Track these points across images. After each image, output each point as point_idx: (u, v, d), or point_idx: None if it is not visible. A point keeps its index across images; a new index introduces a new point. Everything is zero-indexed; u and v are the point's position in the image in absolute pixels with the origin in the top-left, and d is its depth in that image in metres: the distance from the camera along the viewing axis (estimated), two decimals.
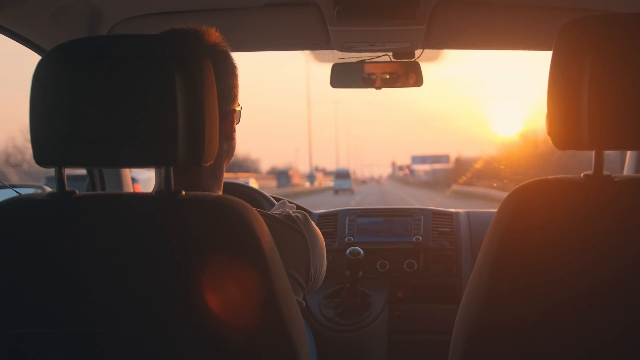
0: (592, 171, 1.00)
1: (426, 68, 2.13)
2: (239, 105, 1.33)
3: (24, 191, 2.27)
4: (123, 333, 0.98)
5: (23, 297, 0.99)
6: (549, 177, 1.02)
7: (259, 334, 0.98)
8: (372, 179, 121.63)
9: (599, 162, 1.00)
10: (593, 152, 1.00)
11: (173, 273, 0.96)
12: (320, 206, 2.78)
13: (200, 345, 0.97)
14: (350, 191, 44.39)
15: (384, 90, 2.20)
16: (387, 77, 2.16)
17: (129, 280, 0.97)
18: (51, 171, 1.02)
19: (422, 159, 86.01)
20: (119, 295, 0.97)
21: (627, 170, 2.05)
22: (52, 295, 0.98)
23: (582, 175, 1.01)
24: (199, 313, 0.96)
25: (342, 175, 47.71)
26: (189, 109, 0.95)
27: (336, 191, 44.50)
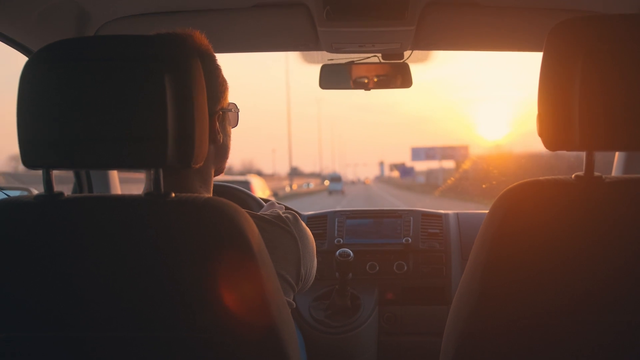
0: (583, 172, 1.00)
1: (413, 70, 2.14)
2: (237, 108, 1.33)
3: (12, 193, 2.25)
4: (114, 336, 0.98)
5: (11, 300, 0.98)
6: (540, 178, 1.02)
7: (249, 335, 0.97)
8: (359, 181, 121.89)
9: (590, 163, 1.00)
10: (584, 153, 1.00)
11: (162, 275, 0.96)
12: (314, 205, 2.76)
13: (190, 347, 0.97)
14: (342, 192, 49.80)
15: (369, 92, 2.20)
16: (376, 78, 2.16)
17: (119, 282, 0.96)
18: None
19: (428, 153, 62.24)
20: (109, 298, 0.97)
21: (616, 170, 2.06)
22: (41, 298, 0.97)
23: (573, 176, 1.01)
24: (188, 315, 0.96)
25: (335, 179, 55.31)
26: (178, 109, 0.95)
27: (330, 192, 49.98)
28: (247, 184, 14.40)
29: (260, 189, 14.82)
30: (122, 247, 0.96)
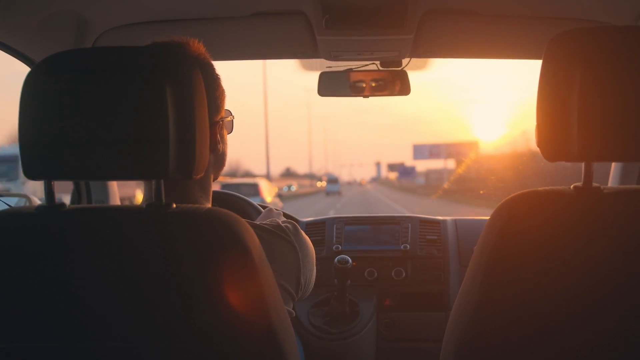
0: (581, 183, 1.01)
1: (411, 74, 2.15)
2: (231, 115, 1.33)
3: (10, 200, 2.25)
4: (115, 346, 0.98)
5: (14, 311, 0.98)
6: (539, 188, 1.03)
7: (250, 346, 0.98)
8: (355, 182, 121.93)
9: (589, 173, 1.01)
10: (583, 163, 1.01)
11: (164, 286, 0.96)
12: (315, 203, 2.75)
13: (192, 356, 0.97)
14: (339, 193, 50.94)
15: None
16: (374, 85, 2.16)
17: (120, 293, 0.97)
18: None
19: (432, 150, 52.73)
20: (110, 308, 0.97)
21: (612, 181, 2.07)
22: (44, 309, 0.97)
23: (572, 186, 1.02)
24: (190, 324, 0.96)
25: (332, 180, 56.87)
26: (179, 120, 0.95)
27: (327, 193, 51.20)
28: (256, 186, 15.84)
29: (267, 191, 16.14)
30: (124, 258, 0.97)
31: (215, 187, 1.45)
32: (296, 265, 1.27)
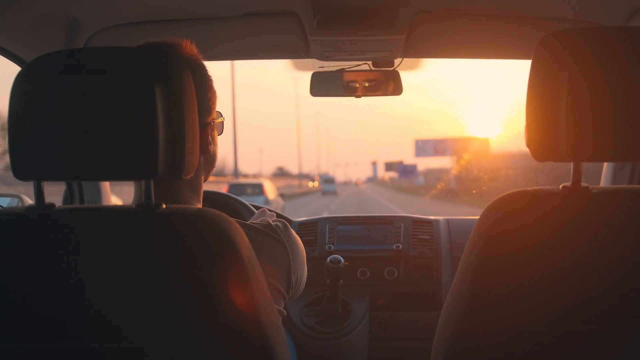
0: (570, 183, 1.02)
1: (403, 74, 2.15)
2: (222, 116, 1.34)
3: (2, 201, 2.25)
4: (105, 346, 0.98)
5: (5, 311, 0.98)
6: (528, 188, 1.03)
7: (240, 346, 0.98)
8: (351, 182, 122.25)
9: (577, 173, 1.01)
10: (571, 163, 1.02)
11: (154, 286, 0.96)
12: (312, 203, 2.74)
13: (181, 358, 0.97)
14: (335, 193, 52.22)
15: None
16: (367, 85, 2.17)
17: (109, 293, 0.97)
18: None
19: (437, 147, 47.34)
20: (99, 307, 0.97)
21: (604, 181, 2.08)
22: (35, 309, 0.97)
23: (560, 186, 1.03)
24: (179, 325, 0.96)
25: (328, 180, 58.64)
26: (169, 121, 0.95)
27: (324, 193, 52.49)
28: (260, 186, 17.08)
29: (270, 190, 17.33)
30: (114, 259, 0.97)
31: (223, 187, 1.45)
32: (286, 264, 1.27)
